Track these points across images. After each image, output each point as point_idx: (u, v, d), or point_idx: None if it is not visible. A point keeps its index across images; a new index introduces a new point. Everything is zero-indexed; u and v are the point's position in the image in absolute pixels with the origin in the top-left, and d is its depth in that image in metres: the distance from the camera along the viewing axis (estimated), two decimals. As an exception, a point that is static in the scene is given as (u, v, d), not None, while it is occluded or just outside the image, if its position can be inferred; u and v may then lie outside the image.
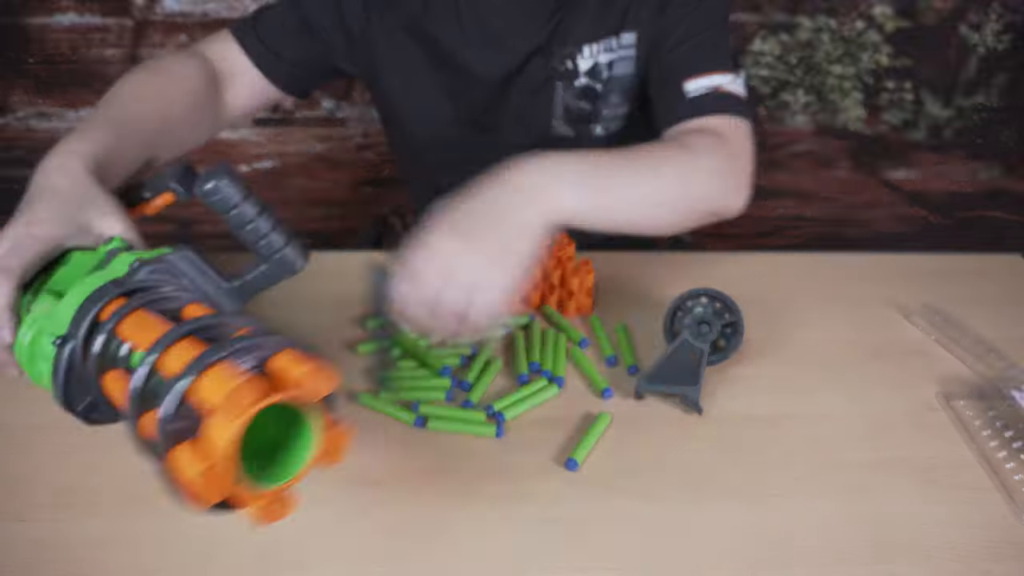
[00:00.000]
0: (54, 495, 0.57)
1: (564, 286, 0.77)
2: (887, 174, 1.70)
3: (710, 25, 0.77)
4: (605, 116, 0.86)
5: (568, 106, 0.85)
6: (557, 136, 0.87)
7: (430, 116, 0.89)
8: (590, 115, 0.86)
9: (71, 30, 1.39)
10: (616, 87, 0.84)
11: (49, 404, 0.64)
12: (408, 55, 0.85)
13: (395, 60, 0.85)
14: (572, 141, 0.88)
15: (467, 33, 0.82)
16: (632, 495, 0.59)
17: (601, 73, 0.82)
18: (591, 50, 0.81)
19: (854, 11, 1.47)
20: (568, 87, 0.83)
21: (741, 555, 0.55)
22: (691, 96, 0.74)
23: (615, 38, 0.81)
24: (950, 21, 1.50)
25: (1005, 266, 0.92)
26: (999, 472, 0.62)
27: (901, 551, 0.56)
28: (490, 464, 0.61)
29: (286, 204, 1.65)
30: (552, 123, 0.86)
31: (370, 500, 0.58)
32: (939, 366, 0.75)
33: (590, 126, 0.86)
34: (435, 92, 0.87)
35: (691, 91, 0.74)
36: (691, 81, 0.74)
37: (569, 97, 0.84)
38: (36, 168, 0.58)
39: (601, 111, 0.85)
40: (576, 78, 0.83)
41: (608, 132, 0.87)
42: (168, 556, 0.53)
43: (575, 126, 0.87)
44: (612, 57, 0.82)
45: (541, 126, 0.87)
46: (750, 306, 0.80)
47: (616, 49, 0.81)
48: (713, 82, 0.74)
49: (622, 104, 0.85)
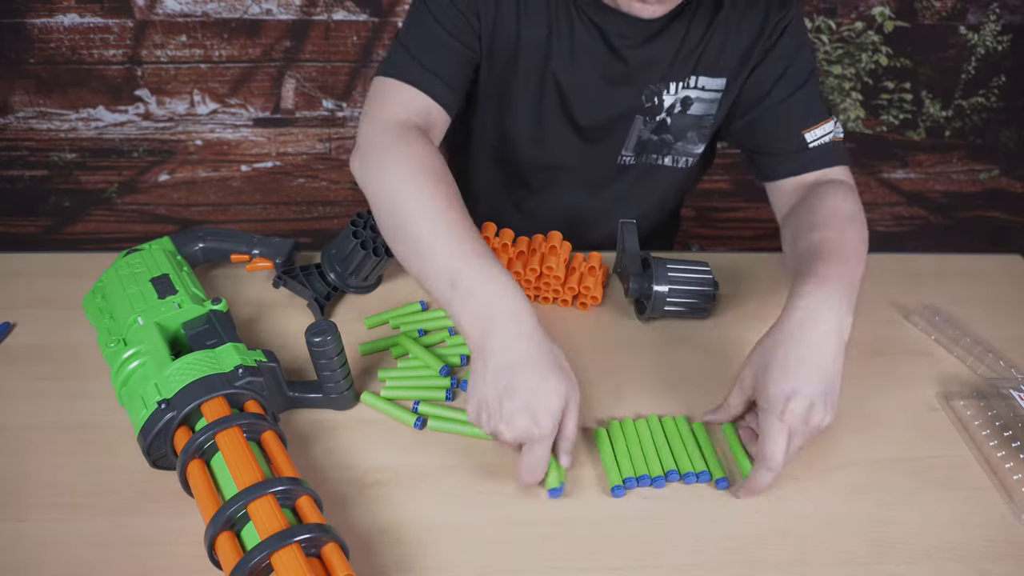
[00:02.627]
0: (54, 495, 0.57)
1: (580, 282, 0.78)
2: (887, 174, 1.70)
3: (809, 74, 0.80)
4: (677, 149, 0.88)
5: (640, 138, 0.86)
6: (620, 164, 0.89)
7: (493, 140, 0.89)
8: (658, 146, 0.87)
9: (72, 30, 1.39)
10: (693, 125, 0.85)
11: (49, 405, 0.65)
12: (528, 85, 0.83)
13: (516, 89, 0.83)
14: (632, 168, 0.90)
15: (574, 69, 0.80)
16: (632, 495, 0.59)
17: (675, 109, 0.83)
18: (676, 87, 0.82)
19: (854, 12, 1.47)
20: (648, 121, 0.84)
21: (741, 555, 0.55)
22: (813, 146, 0.79)
23: (698, 78, 0.81)
24: (949, 21, 1.50)
25: (1005, 266, 0.92)
26: (998, 472, 0.62)
27: (901, 551, 0.56)
28: (490, 464, 0.61)
29: (286, 204, 1.65)
30: (621, 152, 0.88)
31: (370, 500, 0.58)
32: (939, 366, 0.75)
33: (654, 156, 0.88)
34: (519, 116, 0.86)
35: (811, 141, 0.79)
36: (810, 132, 0.79)
37: (646, 131, 0.85)
38: (493, 334, 0.56)
39: (673, 144, 0.87)
40: (658, 113, 0.84)
41: (676, 165, 0.90)
42: (168, 556, 0.53)
43: (639, 156, 0.88)
44: (691, 95, 0.83)
45: (611, 153, 0.88)
46: (751, 306, 0.81)
47: (695, 88, 0.82)
48: (827, 131, 0.79)
49: (698, 143, 0.87)
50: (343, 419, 0.65)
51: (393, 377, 0.68)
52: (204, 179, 1.60)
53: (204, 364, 0.58)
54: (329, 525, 0.48)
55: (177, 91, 1.48)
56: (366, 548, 0.54)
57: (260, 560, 0.45)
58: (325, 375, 0.62)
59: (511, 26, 0.78)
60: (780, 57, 0.79)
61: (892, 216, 1.76)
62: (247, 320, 0.75)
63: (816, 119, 0.80)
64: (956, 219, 1.78)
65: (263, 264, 0.78)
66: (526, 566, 0.53)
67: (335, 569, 0.46)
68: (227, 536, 0.48)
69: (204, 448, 0.53)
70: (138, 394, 0.57)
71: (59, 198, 1.58)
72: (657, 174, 0.90)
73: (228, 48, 1.43)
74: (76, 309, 0.72)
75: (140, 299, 0.65)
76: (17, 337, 0.73)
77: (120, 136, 1.52)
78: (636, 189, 0.92)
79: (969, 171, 1.71)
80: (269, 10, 1.40)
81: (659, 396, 0.68)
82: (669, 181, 0.92)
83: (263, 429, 0.55)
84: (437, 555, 0.54)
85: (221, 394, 0.56)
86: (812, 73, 0.80)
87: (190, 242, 0.77)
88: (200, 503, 0.50)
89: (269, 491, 0.49)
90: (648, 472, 0.60)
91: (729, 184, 1.68)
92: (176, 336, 0.64)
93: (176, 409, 0.55)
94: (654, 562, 0.54)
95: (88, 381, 0.67)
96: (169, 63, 1.44)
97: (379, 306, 0.78)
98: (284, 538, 0.46)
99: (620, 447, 0.62)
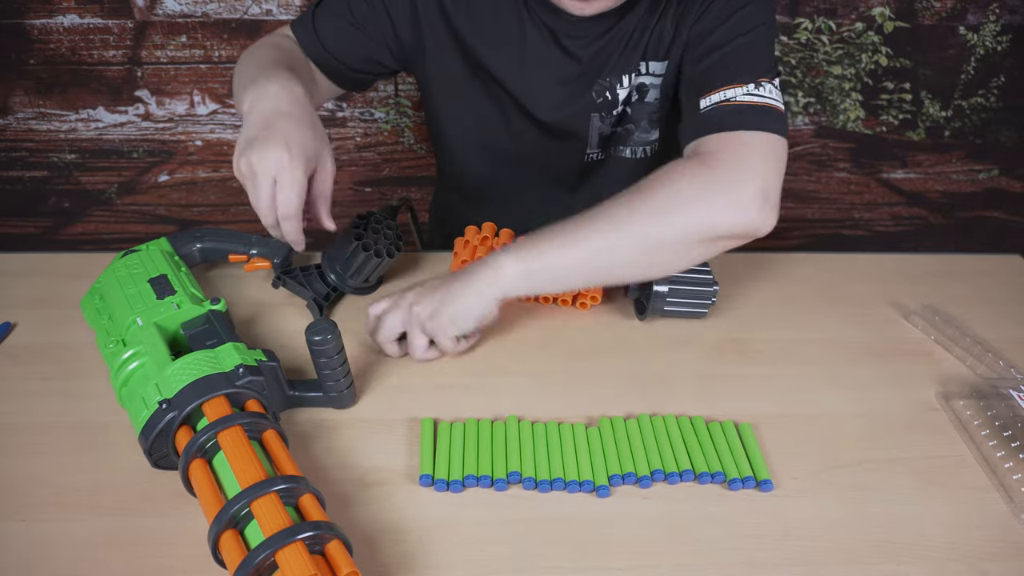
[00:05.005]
0: (54, 495, 0.57)
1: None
2: (887, 174, 1.70)
3: (741, 33, 0.72)
4: (635, 139, 0.87)
5: (602, 133, 0.86)
6: (588, 161, 0.89)
7: (472, 138, 0.90)
8: (622, 137, 0.87)
9: (72, 31, 1.39)
10: (644, 113, 0.84)
11: (49, 405, 0.65)
12: (458, 78, 0.85)
13: (445, 81, 0.86)
14: (601, 163, 0.89)
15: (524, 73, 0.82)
16: (632, 495, 0.59)
17: (633, 98, 0.82)
18: (628, 79, 0.81)
19: (853, 12, 1.47)
20: (606, 116, 0.84)
21: (741, 555, 0.55)
22: (701, 113, 0.71)
23: (647, 63, 0.80)
24: (949, 22, 1.50)
25: (1005, 266, 0.92)
26: (998, 471, 0.62)
27: (901, 550, 0.56)
28: (490, 464, 0.61)
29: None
30: (587, 151, 0.88)
31: (371, 499, 0.58)
32: (939, 366, 0.75)
33: (620, 148, 0.88)
34: (481, 118, 0.88)
35: (702, 108, 0.71)
36: (704, 98, 0.71)
37: (605, 126, 0.84)
38: (246, 95, 0.67)
39: (633, 133, 0.86)
40: (615, 107, 0.83)
41: (636, 156, 0.88)
42: (168, 556, 0.53)
43: (606, 150, 0.88)
44: (645, 82, 0.82)
45: (578, 151, 0.88)
46: (751, 306, 0.81)
47: (647, 74, 0.81)
48: (726, 96, 0.69)
49: (651, 130, 0.86)
50: (343, 418, 0.65)
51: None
52: (204, 180, 1.60)
53: (204, 364, 0.58)
54: (333, 523, 0.48)
55: (177, 92, 1.48)
56: (368, 547, 0.54)
57: (264, 558, 0.45)
58: (325, 374, 0.62)
59: (448, 29, 0.80)
60: (714, 18, 0.73)
61: (892, 216, 1.76)
62: (246, 320, 0.75)
63: (717, 84, 0.70)
64: (956, 219, 1.78)
65: (261, 264, 0.78)
66: (526, 566, 0.53)
67: (339, 566, 0.46)
68: (231, 535, 0.48)
69: (206, 447, 0.53)
70: (138, 394, 0.57)
71: (59, 199, 1.58)
72: (621, 166, 0.89)
73: (228, 49, 1.43)
74: (76, 309, 0.72)
75: (138, 300, 0.65)
76: (17, 337, 0.73)
77: (120, 137, 1.52)
78: (608, 184, 0.91)
79: (969, 171, 1.71)
80: (269, 10, 1.40)
81: (659, 396, 0.68)
82: (635, 173, 0.89)
83: (264, 428, 0.55)
84: (438, 554, 0.54)
85: (222, 393, 0.56)
86: (747, 31, 0.72)
87: (187, 242, 0.77)
88: (203, 502, 0.50)
89: (272, 489, 0.49)
90: (635, 471, 0.60)
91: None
92: (175, 336, 0.64)
93: (177, 409, 0.55)
94: (654, 562, 0.54)
95: (88, 381, 0.67)
96: (169, 64, 1.44)
97: (379, 306, 0.78)
98: (288, 536, 0.46)
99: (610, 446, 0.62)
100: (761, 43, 0.73)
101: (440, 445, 0.62)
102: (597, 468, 0.60)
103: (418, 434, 0.63)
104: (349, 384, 0.64)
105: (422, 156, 1.59)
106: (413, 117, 1.54)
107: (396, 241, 0.77)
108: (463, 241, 0.82)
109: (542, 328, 0.77)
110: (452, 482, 0.58)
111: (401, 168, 1.61)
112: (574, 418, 0.65)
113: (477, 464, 0.60)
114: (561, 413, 0.66)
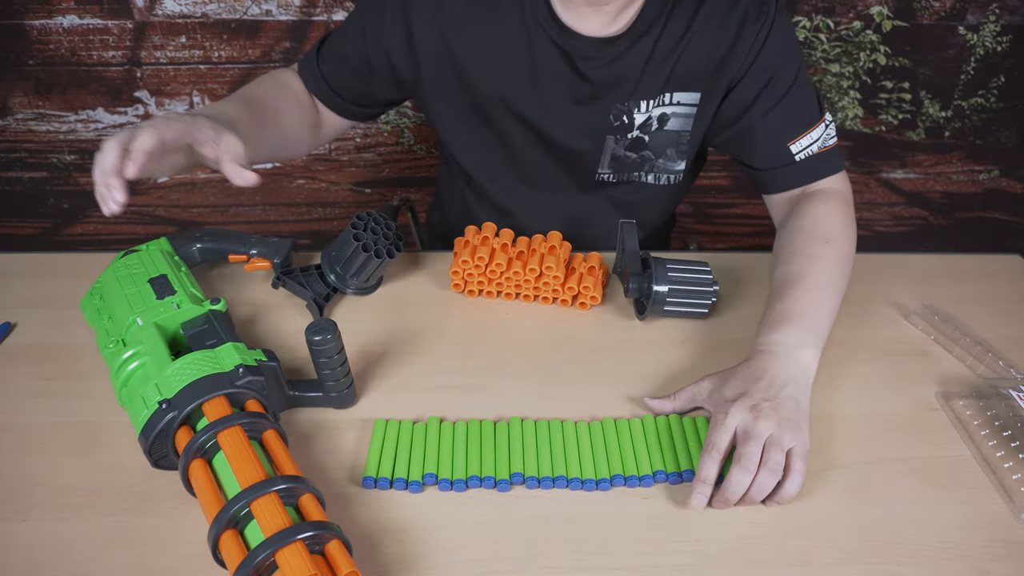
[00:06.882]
0: (55, 495, 0.57)
1: (580, 283, 0.78)
2: (886, 174, 1.70)
3: (794, 80, 0.79)
4: (658, 167, 0.87)
5: (615, 155, 0.86)
6: (599, 181, 0.89)
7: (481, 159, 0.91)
8: (638, 163, 0.87)
9: (71, 32, 1.39)
10: (671, 142, 0.85)
11: (49, 405, 0.65)
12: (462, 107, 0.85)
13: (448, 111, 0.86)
14: (614, 185, 0.90)
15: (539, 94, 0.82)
16: (632, 495, 0.59)
17: (651, 126, 0.83)
18: (647, 104, 0.81)
19: (852, 11, 1.47)
20: (620, 140, 0.84)
21: (741, 555, 0.55)
22: (800, 159, 0.80)
23: (672, 94, 0.81)
24: (948, 21, 1.50)
25: (1005, 266, 0.92)
26: (997, 471, 0.62)
27: (901, 550, 0.56)
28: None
29: (286, 204, 1.65)
30: (598, 171, 0.88)
31: (371, 499, 0.58)
32: (939, 366, 0.75)
33: (636, 174, 0.89)
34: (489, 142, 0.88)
35: (797, 153, 0.80)
36: (795, 143, 0.80)
37: (619, 149, 0.85)
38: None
39: (654, 161, 0.87)
40: (629, 131, 0.83)
41: (659, 183, 0.89)
42: (168, 556, 0.53)
43: (618, 173, 0.88)
44: (667, 112, 0.82)
45: (588, 172, 0.88)
46: (751, 306, 0.81)
47: (671, 104, 0.81)
48: (814, 138, 0.80)
49: (677, 160, 0.87)
50: (343, 418, 0.65)
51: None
52: (204, 180, 1.60)
53: (204, 364, 0.58)
54: (333, 523, 0.48)
55: (177, 92, 1.48)
56: (368, 547, 0.54)
57: (264, 558, 0.45)
58: (325, 374, 0.62)
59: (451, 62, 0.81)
60: (762, 69, 0.78)
61: (891, 216, 1.76)
62: (246, 320, 0.75)
63: (802, 128, 0.79)
64: (956, 219, 1.78)
65: (261, 264, 0.78)
66: (526, 566, 0.53)
67: (339, 566, 0.46)
68: (231, 535, 0.48)
69: (206, 447, 0.53)
70: (138, 394, 0.57)
71: (58, 200, 1.58)
72: (644, 192, 0.90)
73: (228, 49, 1.43)
74: (76, 309, 0.72)
75: (138, 300, 0.65)
76: (17, 337, 0.73)
77: (120, 137, 1.52)
78: (623, 204, 0.92)
79: (969, 171, 1.71)
80: (269, 11, 1.40)
81: (659, 396, 0.68)
82: (657, 198, 0.92)
83: (264, 428, 0.55)
84: (438, 554, 0.54)
85: (222, 393, 0.56)
86: (798, 78, 0.79)
87: (187, 242, 0.77)
88: (203, 502, 0.50)
89: (272, 489, 0.49)
90: (636, 472, 0.60)
91: (727, 180, 1.68)
92: (175, 336, 0.64)
93: (177, 409, 0.55)
94: (654, 562, 0.54)
95: (88, 381, 0.67)
96: (168, 64, 1.44)
97: (379, 307, 0.78)
98: (288, 536, 0.46)
99: (612, 445, 0.62)
100: (809, 80, 0.82)
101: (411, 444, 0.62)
102: (599, 466, 0.60)
103: (419, 434, 0.63)
104: (349, 384, 0.64)
105: (422, 156, 1.60)
106: (413, 118, 1.54)
107: (396, 241, 0.77)
108: (463, 241, 0.82)
109: (542, 328, 0.77)
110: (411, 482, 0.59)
111: (401, 169, 1.61)
112: (574, 418, 0.65)
113: (480, 465, 0.60)
114: (561, 413, 0.66)
